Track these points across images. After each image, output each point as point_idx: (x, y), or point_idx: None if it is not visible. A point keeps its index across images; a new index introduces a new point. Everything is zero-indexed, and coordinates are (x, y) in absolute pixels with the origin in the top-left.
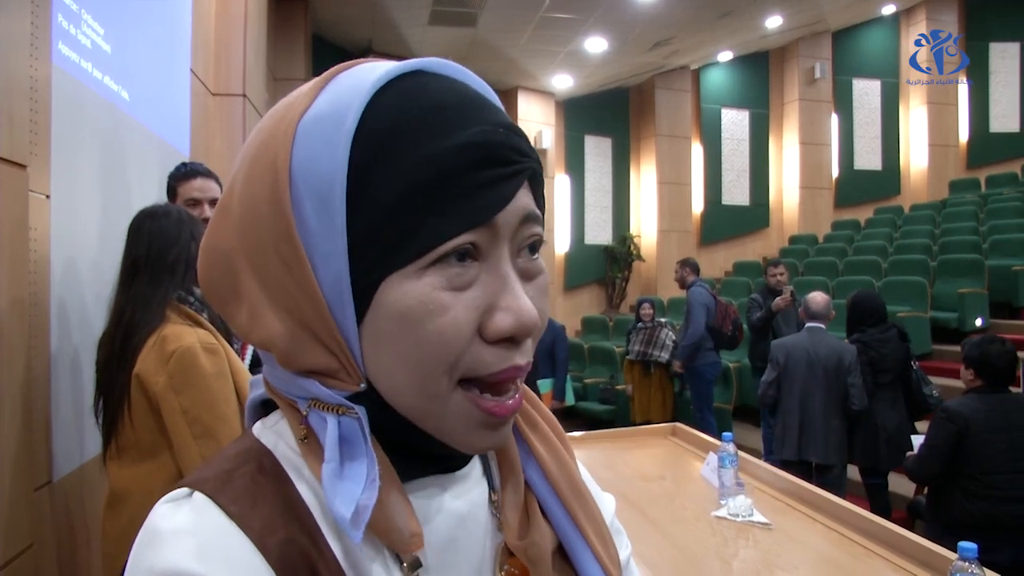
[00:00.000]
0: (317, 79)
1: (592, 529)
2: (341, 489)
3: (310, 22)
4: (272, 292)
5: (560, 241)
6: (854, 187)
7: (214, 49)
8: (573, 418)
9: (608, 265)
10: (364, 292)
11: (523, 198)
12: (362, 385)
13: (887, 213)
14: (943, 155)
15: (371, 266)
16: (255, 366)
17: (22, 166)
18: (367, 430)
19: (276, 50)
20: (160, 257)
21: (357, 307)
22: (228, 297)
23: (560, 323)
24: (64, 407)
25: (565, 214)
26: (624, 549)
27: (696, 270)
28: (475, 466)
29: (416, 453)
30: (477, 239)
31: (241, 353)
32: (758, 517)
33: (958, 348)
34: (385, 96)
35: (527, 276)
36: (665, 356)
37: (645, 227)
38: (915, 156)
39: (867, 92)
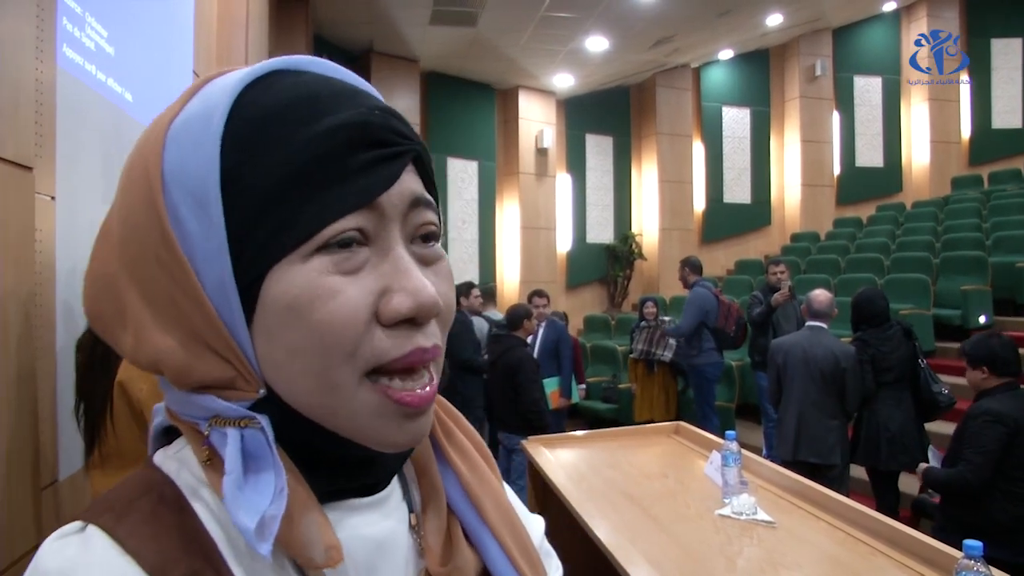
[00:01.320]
0: (188, 88)
1: (519, 552)
2: (244, 501)
3: (311, 23)
4: (157, 305)
5: (562, 240)
6: (856, 184)
7: (216, 50)
8: (576, 417)
9: (610, 264)
10: (250, 289)
11: (410, 181)
12: (261, 391)
13: (889, 210)
14: (945, 152)
15: (253, 260)
16: None
17: (28, 168)
18: (272, 439)
19: (278, 51)
20: None
21: (245, 306)
22: (113, 321)
23: (562, 322)
24: (69, 407)
25: (567, 213)
26: (555, 572)
27: (698, 269)
28: (394, 489)
29: (330, 471)
30: (362, 223)
31: None
32: (762, 515)
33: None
34: (254, 93)
35: (425, 262)
36: (668, 355)
37: (647, 226)
38: (917, 153)
39: (868, 89)
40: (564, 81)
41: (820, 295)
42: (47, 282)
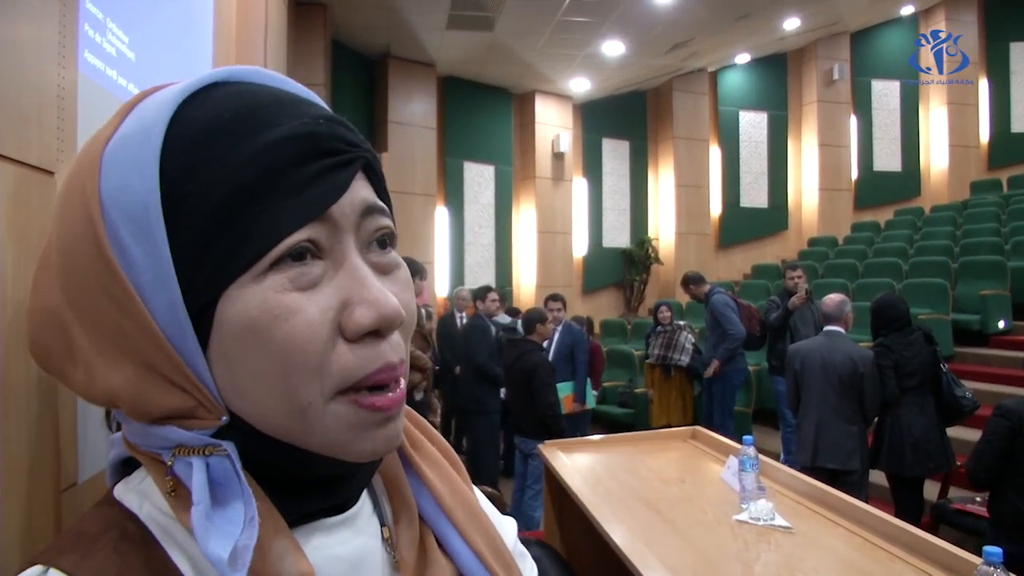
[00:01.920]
0: (122, 106)
1: (493, 556)
2: (215, 530)
3: (329, 28)
4: (106, 339)
5: (578, 244)
6: (874, 189)
7: (235, 56)
8: (592, 422)
9: (626, 268)
10: (202, 314)
11: (360, 189)
12: (224, 418)
13: (907, 215)
14: (964, 156)
15: (204, 284)
16: None
17: (50, 172)
18: (239, 466)
19: (296, 57)
20: None
21: (198, 332)
22: (61, 357)
23: (579, 326)
24: (91, 407)
25: (583, 217)
26: (530, 572)
27: (700, 280)
28: (364, 504)
29: (299, 493)
30: (315, 235)
31: None
32: (779, 521)
33: (981, 351)
34: (191, 108)
35: (382, 270)
36: (685, 360)
37: (663, 230)
38: (935, 157)
39: (886, 93)
40: (581, 85)
41: (830, 298)
42: None
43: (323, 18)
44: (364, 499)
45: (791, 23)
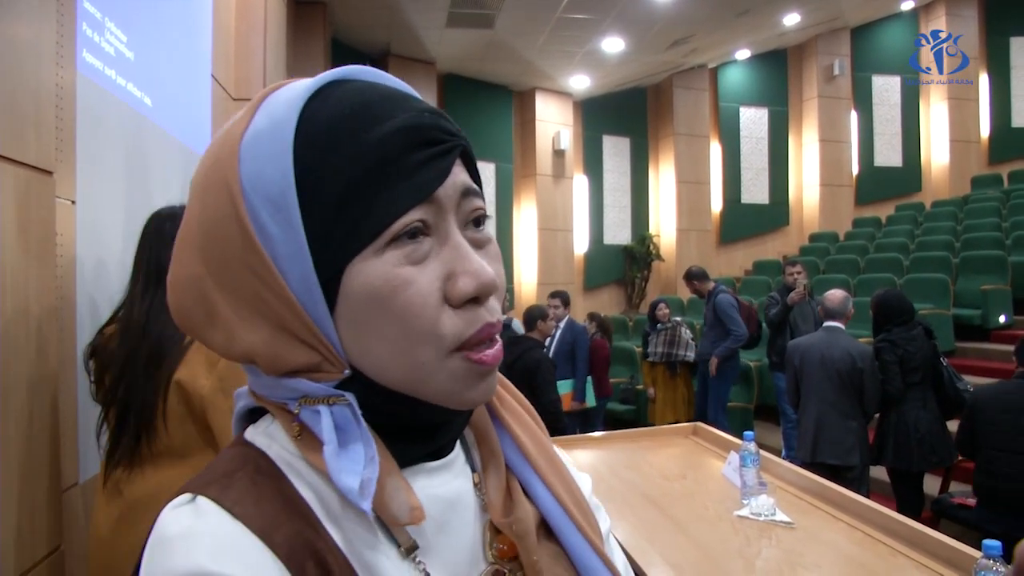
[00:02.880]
0: (249, 104)
1: (572, 502)
2: (345, 466)
3: (329, 26)
4: (245, 305)
5: (579, 241)
6: (875, 184)
7: (234, 55)
8: (594, 418)
9: (627, 265)
10: (331, 283)
11: (459, 174)
12: (346, 372)
13: (908, 210)
14: (964, 151)
15: (332, 257)
16: None
17: (49, 172)
18: (359, 413)
19: (295, 55)
20: None
21: (327, 298)
22: (203, 322)
23: (582, 324)
24: (91, 407)
25: (584, 214)
26: (604, 523)
27: (704, 276)
28: (458, 454)
29: (406, 439)
30: (424, 215)
31: None
32: (780, 516)
33: (982, 345)
34: (315, 104)
35: (477, 245)
36: (691, 355)
37: (664, 226)
38: (936, 152)
39: (886, 88)
40: (581, 82)
41: (834, 294)
42: (68, 286)
43: (322, 17)
44: (458, 449)
45: (791, 19)
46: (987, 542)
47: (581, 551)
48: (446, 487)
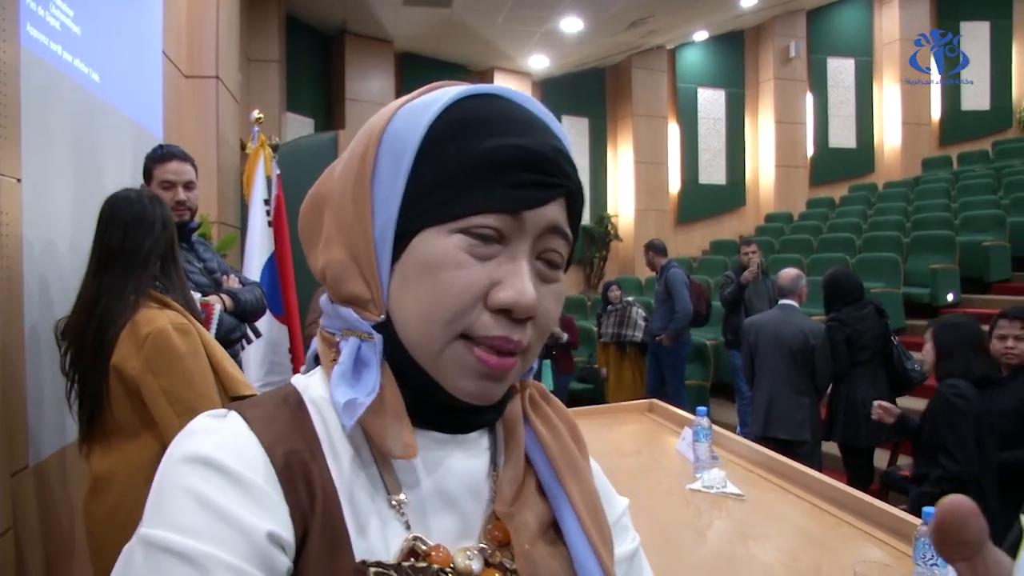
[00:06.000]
0: (426, 87)
1: (586, 509)
2: (344, 385)
3: (283, 2)
4: (339, 227)
5: None
6: (829, 165)
7: (186, 31)
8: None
9: (586, 245)
10: (404, 239)
11: (554, 211)
12: (382, 316)
13: (861, 191)
14: (916, 133)
15: (414, 218)
16: (228, 335)
17: None
18: (380, 351)
19: (250, 31)
20: (135, 248)
21: (395, 250)
22: (313, 231)
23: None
24: (42, 390)
25: None
26: (632, 542)
27: (664, 251)
28: (483, 438)
29: (429, 401)
30: (502, 226)
31: (207, 324)
32: (731, 489)
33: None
34: (467, 102)
35: (543, 279)
36: (639, 335)
37: (622, 207)
38: (888, 134)
39: (841, 71)
40: (539, 63)
41: (786, 273)
42: (14, 265)
43: None
44: (484, 434)
45: (748, 0)
46: (927, 509)
47: (584, 556)
48: (463, 463)
